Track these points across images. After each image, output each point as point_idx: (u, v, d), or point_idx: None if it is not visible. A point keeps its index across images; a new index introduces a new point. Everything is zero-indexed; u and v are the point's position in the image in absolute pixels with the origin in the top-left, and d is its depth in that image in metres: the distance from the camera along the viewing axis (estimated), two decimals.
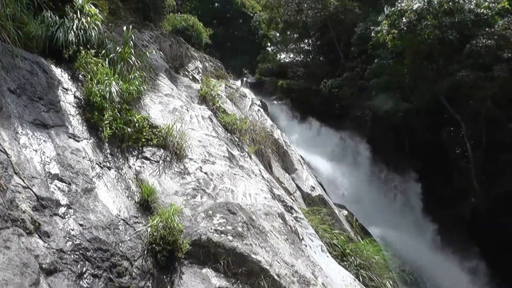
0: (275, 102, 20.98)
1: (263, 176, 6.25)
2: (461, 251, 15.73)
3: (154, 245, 3.59)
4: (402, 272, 11.57)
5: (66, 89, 4.57)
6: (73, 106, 4.47)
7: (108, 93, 4.83)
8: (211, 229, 3.91)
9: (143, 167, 4.60)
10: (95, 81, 4.85)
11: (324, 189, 10.63)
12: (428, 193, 17.97)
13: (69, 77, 4.80)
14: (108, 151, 4.40)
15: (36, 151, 3.50)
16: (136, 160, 4.67)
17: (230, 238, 3.88)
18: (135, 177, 4.39)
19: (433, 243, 16.25)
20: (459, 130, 18.27)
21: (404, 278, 11.76)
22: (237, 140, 6.93)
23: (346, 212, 10.08)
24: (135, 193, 4.14)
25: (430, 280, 13.56)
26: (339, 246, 6.93)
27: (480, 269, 15.63)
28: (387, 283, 7.01)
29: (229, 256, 3.72)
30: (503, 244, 15.52)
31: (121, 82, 5.28)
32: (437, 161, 17.94)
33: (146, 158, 4.76)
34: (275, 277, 3.78)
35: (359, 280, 6.05)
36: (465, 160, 18.18)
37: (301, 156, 10.87)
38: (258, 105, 11.70)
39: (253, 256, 3.82)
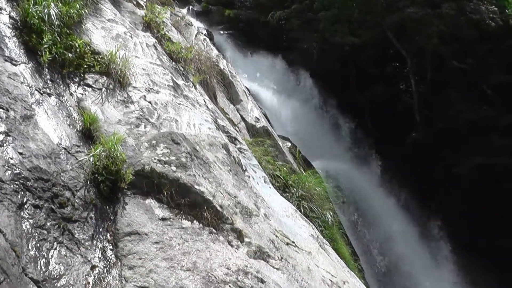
0: (222, 32, 20.56)
1: (207, 107, 6.21)
2: (400, 185, 16.33)
3: (96, 175, 3.55)
4: (342, 204, 12.01)
5: (0, 8, 4.32)
6: (9, 27, 4.23)
7: (46, 15, 4.59)
8: (154, 159, 3.89)
9: (85, 94, 4.47)
10: (32, 1, 4.60)
11: (269, 121, 10.71)
12: (372, 126, 18.40)
13: None
14: (48, 77, 4.24)
15: None
16: (78, 87, 4.52)
17: (174, 168, 3.89)
18: (76, 104, 4.27)
19: (375, 177, 16.76)
20: (405, 66, 18.65)
21: (344, 209, 12.22)
22: (182, 69, 6.81)
23: (290, 144, 10.24)
24: (77, 121, 4.04)
25: (369, 212, 14.10)
26: (281, 177, 7.07)
27: (413, 204, 16.27)
28: (327, 214, 7.27)
29: (172, 187, 3.74)
30: (442, 179, 16.25)
31: (60, 4, 5.02)
32: (381, 95, 18.30)
33: (88, 85, 4.62)
34: (218, 208, 3.85)
35: (300, 211, 6.24)
36: (408, 95, 18.68)
37: (246, 88, 10.84)
38: (204, 35, 11.45)
39: (196, 187, 3.85)
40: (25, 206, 2.94)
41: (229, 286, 3.23)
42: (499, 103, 16.72)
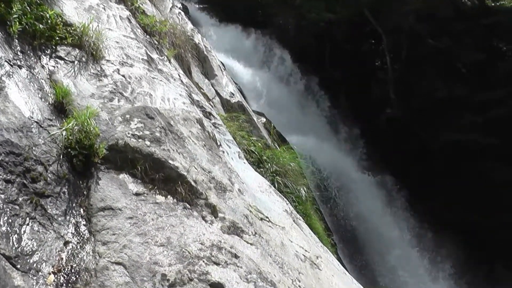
0: (197, 5, 20.30)
1: (182, 81, 6.15)
2: (375, 161, 16.50)
3: (69, 150, 3.50)
4: (316, 179, 12.09)
5: None
6: None
7: None
8: (128, 133, 3.85)
9: (57, 67, 4.38)
10: None
11: (244, 96, 10.68)
12: (347, 102, 18.51)
13: None
14: (19, 48, 4.13)
15: None
16: (50, 59, 4.42)
17: (148, 143, 3.86)
18: (48, 77, 4.18)
19: (349, 152, 16.90)
20: (380, 43, 18.74)
21: (318, 185, 12.32)
22: (156, 43, 6.72)
23: (264, 120, 10.25)
24: (49, 94, 3.96)
25: (344, 187, 14.24)
26: (256, 153, 7.09)
27: (387, 180, 16.49)
28: (301, 189, 7.33)
29: (146, 162, 3.71)
30: (416, 155, 16.48)
31: None
32: (357, 72, 18.40)
33: (60, 58, 4.52)
34: (192, 183, 3.84)
35: (274, 186, 6.28)
36: (383, 72, 18.82)
37: (221, 62, 10.75)
38: (179, 8, 11.27)
39: (170, 162, 3.84)
40: None
41: (203, 261, 3.24)
42: (472, 81, 16.99)
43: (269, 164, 7.15)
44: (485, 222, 16.06)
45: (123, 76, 4.80)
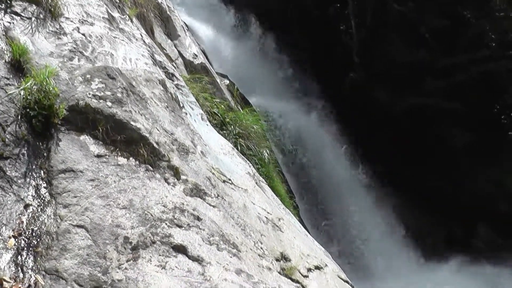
0: None
1: (144, 41, 6.03)
2: (338, 127, 16.64)
3: (28, 110, 3.40)
4: (279, 141, 12.14)
5: None
6: None
7: None
8: (89, 94, 3.77)
9: (13, 23, 4.21)
10: None
11: (207, 58, 10.55)
12: (312, 66, 18.49)
13: None
14: None
15: None
16: (5, 14, 4.24)
17: (109, 104, 3.79)
18: (4, 34, 4.02)
19: (313, 116, 16.98)
20: (346, 8, 18.70)
21: (281, 147, 12.39)
22: (118, 1, 6.52)
23: (228, 82, 10.18)
24: (5, 52, 3.82)
25: (306, 150, 14.35)
26: (219, 115, 7.05)
27: (350, 143, 16.67)
28: (264, 152, 7.36)
29: (108, 123, 3.65)
30: (377, 118, 16.68)
31: None
32: (323, 37, 18.34)
33: (16, 14, 4.34)
34: (155, 145, 3.81)
35: (237, 148, 6.27)
36: (348, 36, 18.83)
37: (184, 23, 10.55)
38: None
39: (132, 123, 3.78)
40: None
41: (166, 224, 3.25)
42: (435, 46, 17.17)
43: (232, 126, 7.13)
44: (445, 188, 16.52)
45: (83, 34, 4.66)
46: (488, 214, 16.52)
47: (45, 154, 3.30)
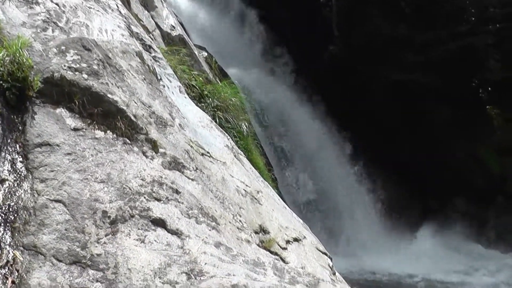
0: None
1: (120, 12, 5.89)
2: (317, 99, 16.65)
3: (1, 82, 3.32)
4: (258, 114, 12.11)
5: None
6: None
7: None
8: (64, 66, 3.69)
9: None
10: None
11: (185, 30, 10.41)
12: (293, 39, 18.40)
13: None
14: None
15: None
16: None
17: (85, 76, 3.71)
18: None
19: (291, 88, 16.95)
20: None
21: (259, 120, 12.37)
22: None
23: (206, 54, 10.08)
24: None
25: (285, 123, 14.36)
26: (197, 87, 6.99)
27: (328, 116, 16.71)
28: (243, 124, 7.33)
29: (84, 96, 3.58)
30: (357, 94, 16.72)
31: None
32: (303, 10, 18.22)
33: None
34: (132, 118, 3.76)
35: (215, 121, 6.24)
36: (328, 9, 18.73)
37: None
38: None
39: (109, 96, 3.72)
40: None
41: (144, 197, 3.23)
42: (416, 21, 17.19)
43: (210, 99, 7.09)
44: (423, 161, 16.74)
45: (57, 4, 4.54)
46: (465, 187, 16.81)
47: (20, 127, 3.24)
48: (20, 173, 3.01)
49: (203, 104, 6.76)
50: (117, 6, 6.01)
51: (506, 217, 16.66)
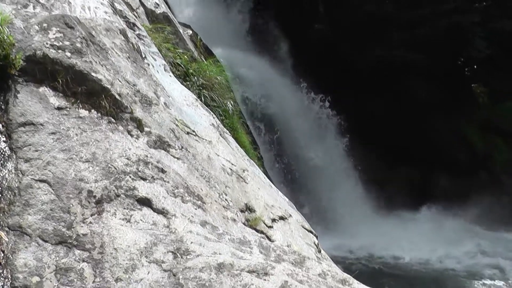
0: None
1: None
2: (302, 75, 16.60)
3: None
4: (244, 93, 12.07)
5: None
6: None
7: None
8: (46, 44, 3.63)
9: None
10: None
11: (169, 7, 10.29)
12: (277, 17, 18.29)
13: None
14: None
15: None
16: None
17: (68, 54, 3.66)
18: None
19: (277, 66, 16.89)
20: None
21: (244, 98, 12.33)
22: None
23: (191, 32, 9.98)
24: None
25: (271, 101, 14.32)
26: (182, 66, 6.94)
27: (314, 93, 16.69)
28: (228, 103, 7.31)
29: (68, 74, 3.53)
30: (342, 69, 16.73)
31: None
32: None
33: None
34: (117, 96, 3.72)
35: (201, 100, 6.22)
36: None
37: None
38: None
39: (93, 74, 3.68)
40: None
41: (130, 177, 3.22)
42: None
43: (195, 78, 7.04)
44: (407, 139, 16.87)
45: None
46: (448, 163, 17.01)
47: (3, 106, 3.20)
48: (3, 153, 2.98)
49: (188, 83, 6.72)
50: None
51: (488, 193, 16.91)
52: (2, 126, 3.10)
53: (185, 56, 7.41)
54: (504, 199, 17.16)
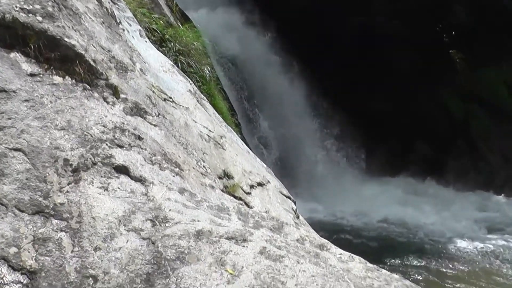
0: None
1: None
2: (282, 45, 16.49)
3: None
4: (221, 59, 11.95)
5: None
6: None
7: None
8: (16, 7, 3.50)
9: None
10: None
11: None
12: None
13: None
14: None
15: None
16: None
17: (40, 18, 3.55)
18: None
19: (256, 32, 16.72)
20: None
21: (222, 63, 12.21)
22: None
23: None
24: None
25: (248, 67, 14.19)
26: (158, 31, 6.85)
27: (295, 64, 16.63)
28: (205, 69, 7.26)
29: (40, 40, 3.43)
30: (322, 39, 16.63)
31: None
32: None
33: None
34: (91, 62, 3.64)
35: (177, 66, 6.15)
36: None
37: None
38: None
39: (66, 39, 3.58)
40: None
41: (106, 144, 3.18)
42: None
43: (172, 43, 6.96)
44: (388, 108, 16.99)
45: None
46: (426, 131, 17.23)
47: None
48: None
49: (164, 49, 6.64)
50: None
51: (464, 158, 17.23)
52: None
53: (161, 22, 7.30)
54: (479, 164, 17.52)
